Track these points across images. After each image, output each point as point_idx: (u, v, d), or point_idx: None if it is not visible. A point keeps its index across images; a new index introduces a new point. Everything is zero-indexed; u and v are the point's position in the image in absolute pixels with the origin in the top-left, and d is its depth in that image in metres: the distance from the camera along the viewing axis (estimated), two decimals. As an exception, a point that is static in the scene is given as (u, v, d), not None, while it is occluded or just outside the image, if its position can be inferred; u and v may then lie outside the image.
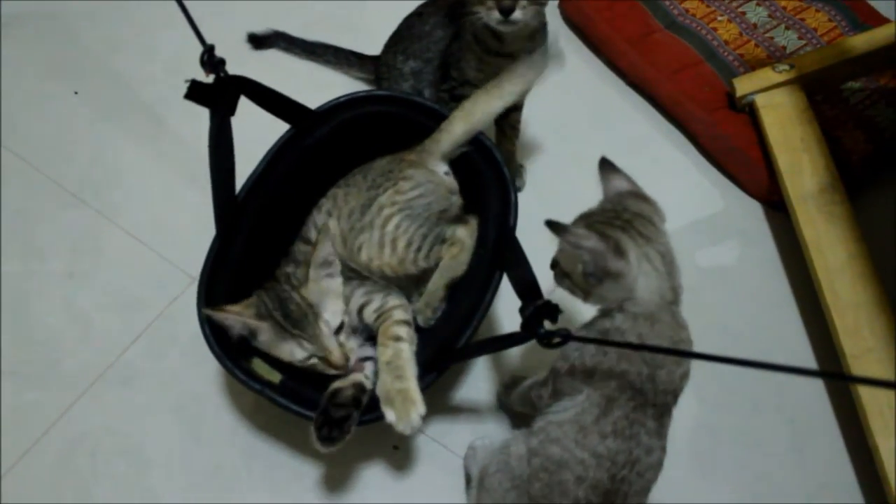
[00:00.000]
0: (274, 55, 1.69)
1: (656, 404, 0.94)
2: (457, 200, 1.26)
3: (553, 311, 0.97)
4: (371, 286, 1.20)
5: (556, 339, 0.93)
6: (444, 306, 1.22)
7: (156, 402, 1.31)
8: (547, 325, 0.97)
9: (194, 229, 1.43)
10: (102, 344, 1.36)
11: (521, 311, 1.00)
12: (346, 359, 1.11)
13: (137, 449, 1.27)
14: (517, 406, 1.25)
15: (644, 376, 0.93)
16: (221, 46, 1.07)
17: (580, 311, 1.04)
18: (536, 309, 0.97)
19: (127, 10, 1.76)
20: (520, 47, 1.26)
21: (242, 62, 1.09)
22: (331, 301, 1.13)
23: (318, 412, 1.07)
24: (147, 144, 1.58)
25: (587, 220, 0.97)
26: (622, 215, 0.95)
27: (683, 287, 0.98)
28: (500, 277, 1.14)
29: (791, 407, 1.36)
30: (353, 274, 1.21)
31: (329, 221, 1.23)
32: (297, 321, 1.09)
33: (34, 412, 1.29)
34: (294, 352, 1.09)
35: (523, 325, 0.98)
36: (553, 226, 0.90)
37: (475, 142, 1.25)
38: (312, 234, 1.23)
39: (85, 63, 1.68)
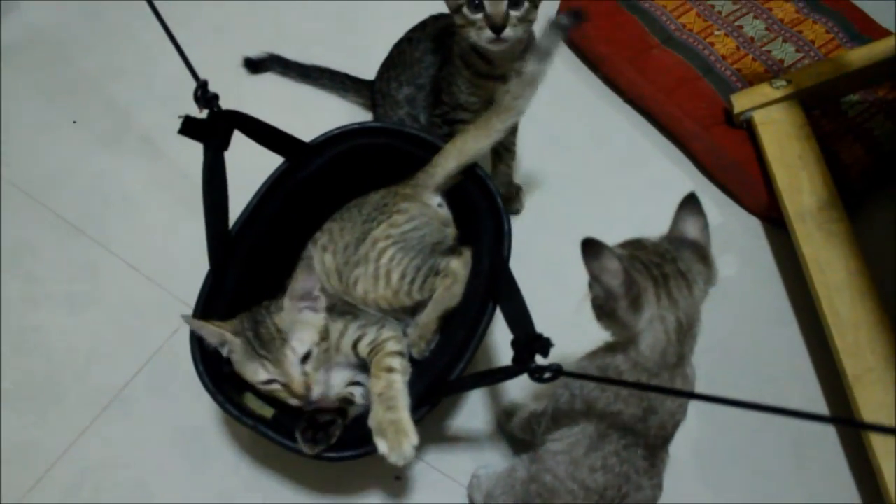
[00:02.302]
0: (270, 79, 1.69)
1: (647, 445, 0.94)
2: (451, 232, 1.27)
3: (545, 345, 0.96)
4: (365, 320, 1.20)
5: (548, 374, 0.92)
6: (438, 338, 1.22)
7: (158, 436, 1.32)
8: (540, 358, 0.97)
9: (194, 259, 1.43)
10: (104, 378, 1.36)
11: (513, 344, 0.99)
12: (308, 388, 1.08)
13: (141, 483, 1.28)
14: (518, 433, 1.26)
15: (637, 418, 0.93)
16: (217, 70, 1.06)
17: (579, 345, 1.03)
18: (528, 343, 0.96)
19: (123, 37, 1.76)
20: (509, 68, 1.26)
21: (239, 86, 1.09)
22: (302, 330, 1.10)
23: (304, 418, 1.08)
24: (145, 173, 1.58)
25: (634, 249, 0.94)
26: (665, 267, 0.91)
27: (694, 351, 0.96)
28: (494, 309, 1.14)
29: (794, 427, 1.36)
30: (349, 308, 1.22)
31: (315, 256, 1.23)
32: (265, 343, 1.08)
33: (38, 449, 1.30)
34: (258, 372, 1.08)
35: (515, 359, 0.98)
36: (585, 245, 0.87)
37: (469, 172, 1.25)
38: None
39: (83, 91, 1.68)
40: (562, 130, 1.67)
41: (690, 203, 0.98)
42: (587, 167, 1.63)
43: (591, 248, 0.87)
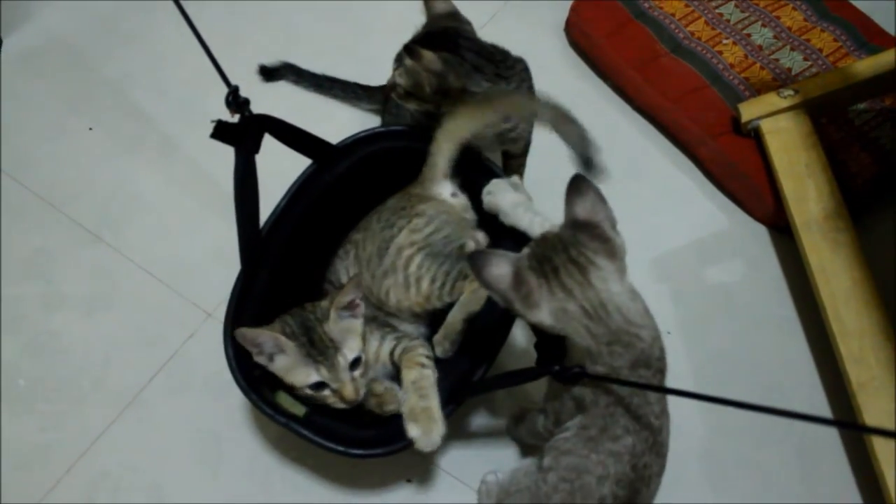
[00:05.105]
0: (282, 88, 1.71)
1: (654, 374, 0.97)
2: (471, 217, 1.29)
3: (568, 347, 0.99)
4: (400, 333, 1.24)
5: (571, 375, 0.94)
6: (461, 339, 1.24)
7: (175, 439, 1.35)
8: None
9: (209, 265, 1.48)
10: (122, 381, 1.39)
11: (537, 346, 1.02)
12: (358, 393, 1.14)
13: (158, 486, 1.31)
14: (527, 439, 1.28)
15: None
16: (231, 78, 1.07)
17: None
18: (551, 345, 0.99)
19: (140, 43, 1.78)
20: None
21: (249, 94, 1.11)
22: (350, 339, 1.16)
23: None
24: (162, 178, 1.61)
25: (536, 246, 0.96)
26: (555, 259, 0.93)
27: (636, 325, 0.95)
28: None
29: (799, 433, 1.38)
30: (387, 320, 1.25)
31: (351, 269, 1.27)
32: (321, 349, 1.12)
33: (57, 451, 1.33)
34: (311, 375, 1.12)
35: (538, 361, 1.01)
36: (472, 258, 0.93)
37: (491, 176, 1.28)
38: (342, 277, 1.26)
39: (101, 97, 1.70)
40: (571, 138, 1.69)
41: (574, 184, 0.99)
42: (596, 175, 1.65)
43: (478, 259, 0.92)
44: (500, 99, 1.24)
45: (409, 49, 1.18)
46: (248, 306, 1.21)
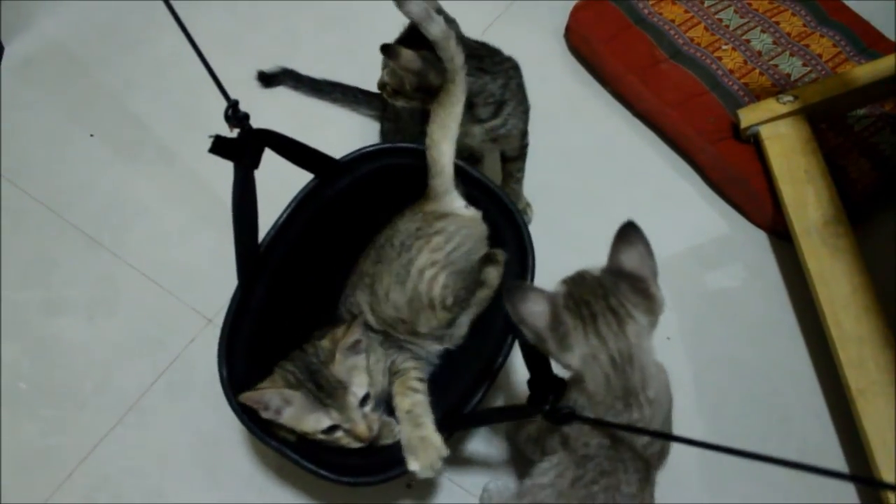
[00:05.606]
0: (281, 93, 1.71)
1: (628, 469, 0.95)
2: (485, 229, 1.27)
3: (560, 387, 0.98)
4: (394, 350, 1.23)
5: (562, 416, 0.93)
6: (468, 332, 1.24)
7: (175, 444, 1.35)
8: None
9: (209, 270, 1.48)
10: (123, 386, 1.39)
11: (529, 384, 1.01)
12: (372, 430, 1.12)
13: (158, 491, 1.31)
14: (524, 448, 1.28)
15: (606, 448, 0.95)
16: (230, 84, 1.06)
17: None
18: (544, 385, 0.99)
19: (139, 50, 1.79)
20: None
21: (248, 99, 1.10)
22: (356, 376, 1.13)
23: None
24: (162, 184, 1.61)
25: (573, 285, 0.94)
26: (594, 305, 0.91)
27: (646, 396, 0.93)
28: (512, 343, 1.16)
29: (799, 438, 1.39)
30: (390, 342, 1.24)
31: (365, 306, 1.24)
32: (330, 393, 1.10)
33: (58, 455, 1.33)
34: (321, 420, 1.09)
35: (530, 400, 1.00)
36: (509, 291, 0.91)
37: (496, 200, 1.27)
38: (365, 310, 1.24)
39: (100, 103, 1.71)
40: (571, 143, 1.69)
41: (626, 232, 0.96)
42: (595, 180, 1.65)
43: (515, 294, 0.90)
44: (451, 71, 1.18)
45: (387, 48, 1.17)
46: (244, 322, 1.20)
